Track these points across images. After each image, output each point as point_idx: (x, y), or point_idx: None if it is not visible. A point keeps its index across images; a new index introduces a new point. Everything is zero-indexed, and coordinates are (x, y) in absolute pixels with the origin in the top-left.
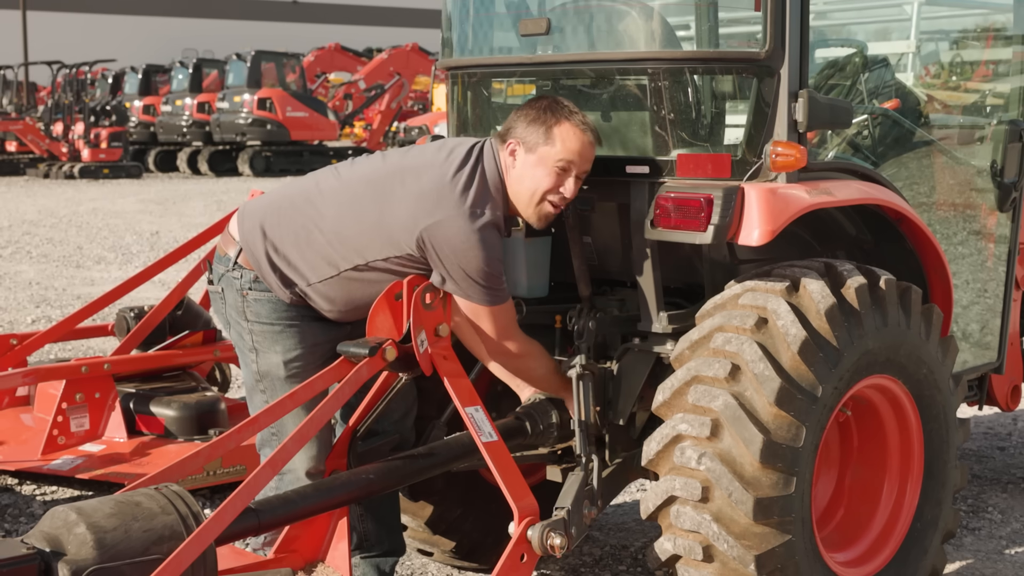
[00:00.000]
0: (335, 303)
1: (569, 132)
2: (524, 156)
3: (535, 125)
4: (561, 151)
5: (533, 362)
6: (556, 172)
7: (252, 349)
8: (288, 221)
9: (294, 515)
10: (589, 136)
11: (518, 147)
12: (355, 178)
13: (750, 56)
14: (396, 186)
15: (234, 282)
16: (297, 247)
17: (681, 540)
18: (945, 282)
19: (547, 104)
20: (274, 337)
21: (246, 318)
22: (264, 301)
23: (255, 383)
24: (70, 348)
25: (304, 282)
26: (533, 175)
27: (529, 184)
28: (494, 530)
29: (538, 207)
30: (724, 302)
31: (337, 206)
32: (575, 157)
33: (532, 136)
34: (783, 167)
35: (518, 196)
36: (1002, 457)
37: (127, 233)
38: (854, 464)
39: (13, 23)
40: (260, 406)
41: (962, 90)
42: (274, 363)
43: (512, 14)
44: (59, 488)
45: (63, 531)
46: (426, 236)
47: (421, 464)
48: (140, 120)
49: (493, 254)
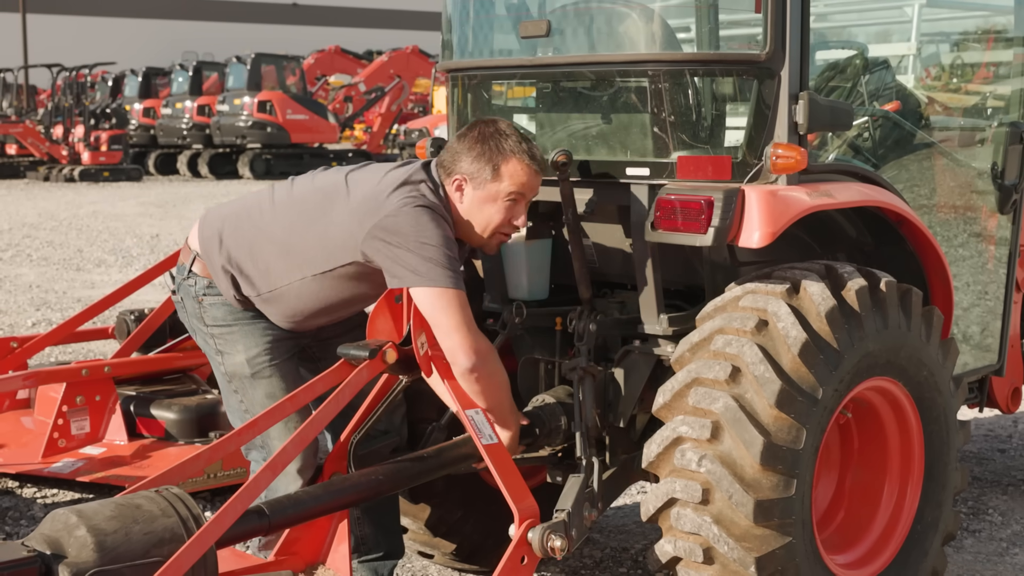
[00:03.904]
0: (284, 314)
1: (517, 168)
2: (472, 193)
3: (481, 162)
4: (510, 186)
5: (492, 367)
6: (508, 206)
7: (217, 352)
8: (243, 232)
9: (304, 515)
10: (535, 167)
11: (465, 184)
12: (306, 191)
13: (750, 58)
14: (340, 197)
15: (190, 290)
16: (251, 257)
17: (681, 542)
18: (946, 284)
19: (490, 134)
20: (234, 338)
21: (205, 323)
22: (219, 304)
23: (227, 384)
24: (70, 351)
25: (254, 292)
26: (484, 211)
27: (481, 220)
28: (495, 532)
29: (490, 239)
30: (724, 304)
31: (287, 218)
32: (524, 190)
33: (479, 173)
34: (783, 169)
35: (469, 229)
36: (1002, 459)
37: (127, 236)
38: (854, 466)
39: (13, 26)
40: (235, 407)
41: (963, 92)
42: (239, 363)
43: (512, 16)
44: (59, 491)
45: (64, 534)
46: (375, 232)
47: (430, 464)
48: (140, 123)
49: (445, 233)
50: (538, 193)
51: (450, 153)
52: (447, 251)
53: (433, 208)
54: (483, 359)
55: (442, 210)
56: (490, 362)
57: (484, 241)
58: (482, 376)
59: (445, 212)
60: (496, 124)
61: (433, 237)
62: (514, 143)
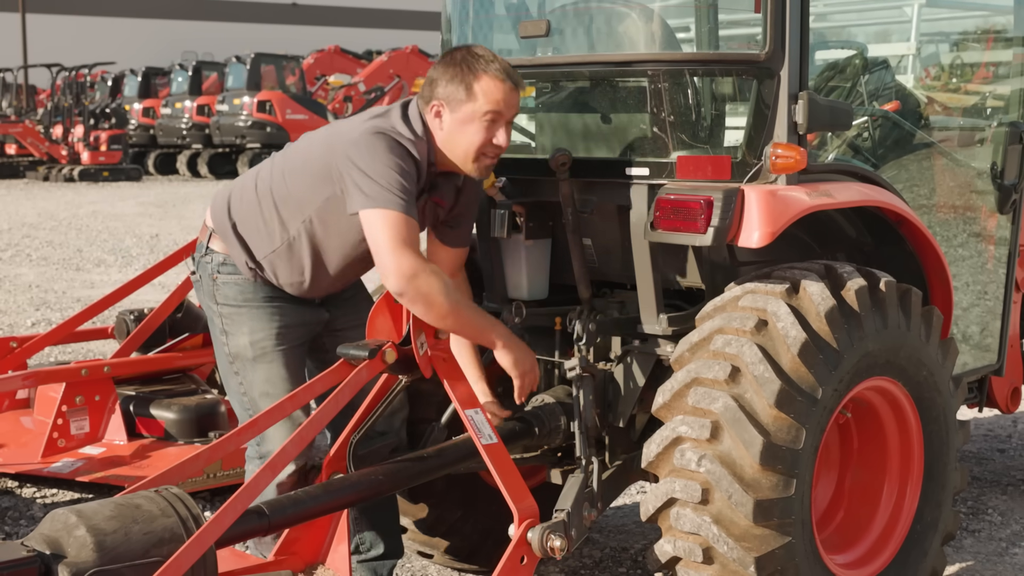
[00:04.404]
0: (292, 274)
1: (490, 85)
2: (450, 116)
3: (455, 83)
4: (485, 104)
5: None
6: (485, 126)
7: (223, 332)
8: (248, 195)
9: (304, 515)
10: (510, 83)
11: (443, 108)
12: (298, 144)
13: (750, 58)
14: (323, 136)
15: (207, 267)
16: (258, 215)
17: (681, 542)
18: (945, 284)
19: (462, 57)
20: (241, 319)
21: (216, 301)
22: (231, 284)
23: (228, 366)
24: (70, 351)
25: (262, 252)
26: (463, 133)
27: (462, 143)
28: (494, 532)
29: (476, 163)
30: (724, 304)
31: (282, 170)
32: (500, 107)
33: (454, 95)
34: (783, 169)
35: (453, 155)
36: (1002, 459)
37: (127, 236)
38: (854, 466)
39: (12, 26)
40: (235, 388)
41: (962, 92)
42: (242, 344)
43: (512, 16)
44: (59, 491)
45: (63, 534)
46: (340, 157)
47: (430, 464)
48: (140, 123)
49: (398, 160)
50: (518, 111)
51: (427, 82)
52: (398, 176)
53: (394, 135)
54: (409, 280)
55: (406, 139)
56: (420, 283)
57: (470, 167)
58: (414, 299)
59: (413, 142)
60: (469, 47)
61: (385, 161)
62: (486, 62)
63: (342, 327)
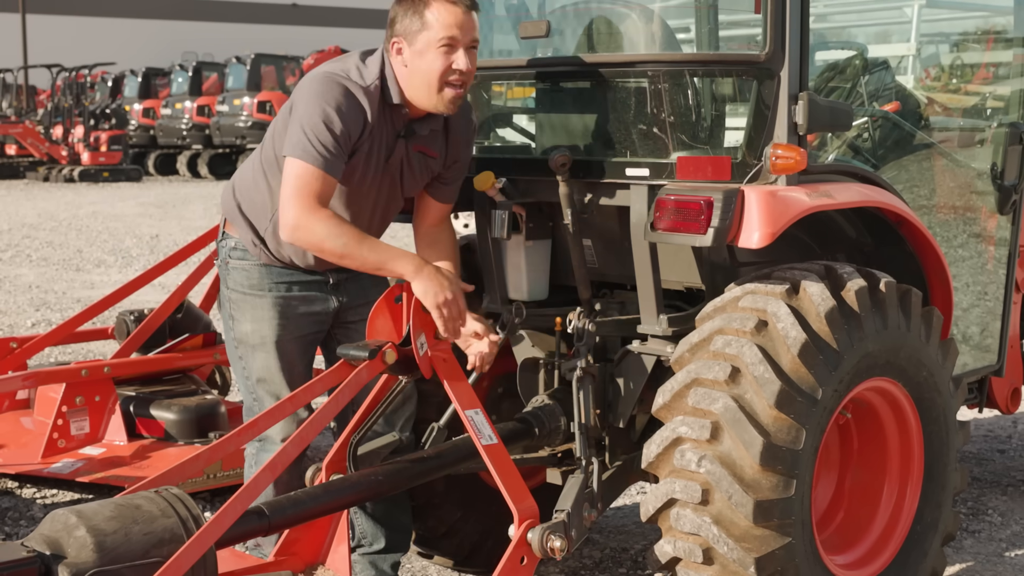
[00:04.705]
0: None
1: (441, 10)
2: (409, 50)
3: (409, 16)
4: (440, 30)
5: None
6: (443, 53)
7: (230, 317)
8: (248, 171)
9: (304, 515)
10: (461, 7)
11: (402, 43)
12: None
13: (750, 58)
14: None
15: (223, 251)
16: (254, 188)
17: (681, 543)
18: (945, 285)
19: None
20: (245, 305)
21: (227, 286)
22: (240, 269)
23: (234, 350)
24: (70, 351)
25: (262, 225)
26: (422, 65)
27: (422, 76)
28: (494, 533)
29: (440, 94)
30: (724, 305)
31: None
32: (455, 32)
33: (409, 28)
34: (783, 170)
35: (418, 91)
36: (1002, 460)
37: (127, 236)
38: (854, 467)
39: (12, 26)
40: (240, 372)
41: (962, 93)
42: (245, 331)
43: (512, 17)
44: (59, 491)
45: (63, 534)
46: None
47: (430, 465)
48: (140, 123)
49: (337, 108)
50: (476, 35)
51: (388, 23)
52: (326, 128)
53: (341, 80)
54: (292, 231)
55: (355, 84)
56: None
57: (437, 99)
58: (303, 246)
59: (364, 87)
60: None
61: (318, 110)
62: None
63: (352, 320)
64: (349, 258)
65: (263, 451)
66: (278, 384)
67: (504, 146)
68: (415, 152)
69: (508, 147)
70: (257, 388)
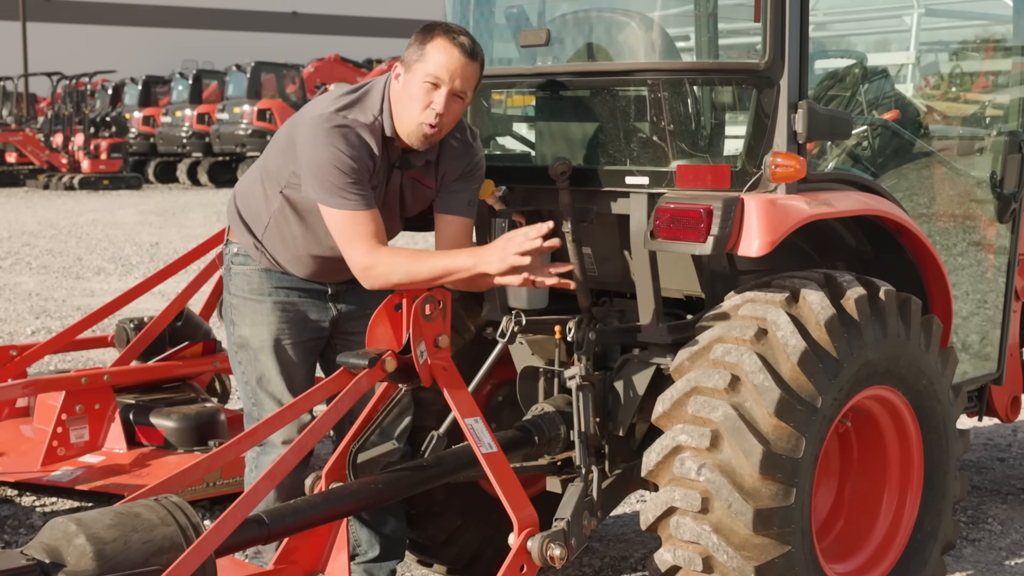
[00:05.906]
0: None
1: (439, 45)
2: (404, 76)
3: (415, 44)
4: (430, 65)
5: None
6: (425, 89)
7: (231, 322)
8: (249, 178)
9: (303, 524)
10: (458, 50)
11: (401, 68)
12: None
13: (750, 67)
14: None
15: (226, 256)
16: (252, 195)
17: (681, 551)
18: (945, 293)
19: (433, 24)
20: (245, 310)
21: (230, 291)
22: (241, 275)
23: (234, 355)
24: (70, 359)
25: (260, 231)
26: (405, 93)
27: (404, 105)
28: (494, 541)
29: (417, 126)
30: (724, 313)
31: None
32: (443, 73)
33: (411, 55)
34: (783, 178)
35: (399, 119)
36: (1002, 468)
37: (127, 244)
38: (854, 475)
39: (13, 34)
40: (239, 376)
41: (962, 101)
42: (245, 335)
43: (512, 25)
44: (59, 499)
45: (63, 542)
46: (299, 134)
47: (429, 473)
48: (140, 131)
49: (345, 151)
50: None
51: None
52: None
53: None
54: (364, 272)
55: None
56: (374, 272)
57: (413, 130)
58: (376, 285)
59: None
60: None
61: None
62: (447, 29)
63: (353, 331)
64: (419, 279)
65: (264, 455)
66: (277, 388)
67: (504, 154)
68: (408, 179)
69: (508, 155)
70: (257, 392)
